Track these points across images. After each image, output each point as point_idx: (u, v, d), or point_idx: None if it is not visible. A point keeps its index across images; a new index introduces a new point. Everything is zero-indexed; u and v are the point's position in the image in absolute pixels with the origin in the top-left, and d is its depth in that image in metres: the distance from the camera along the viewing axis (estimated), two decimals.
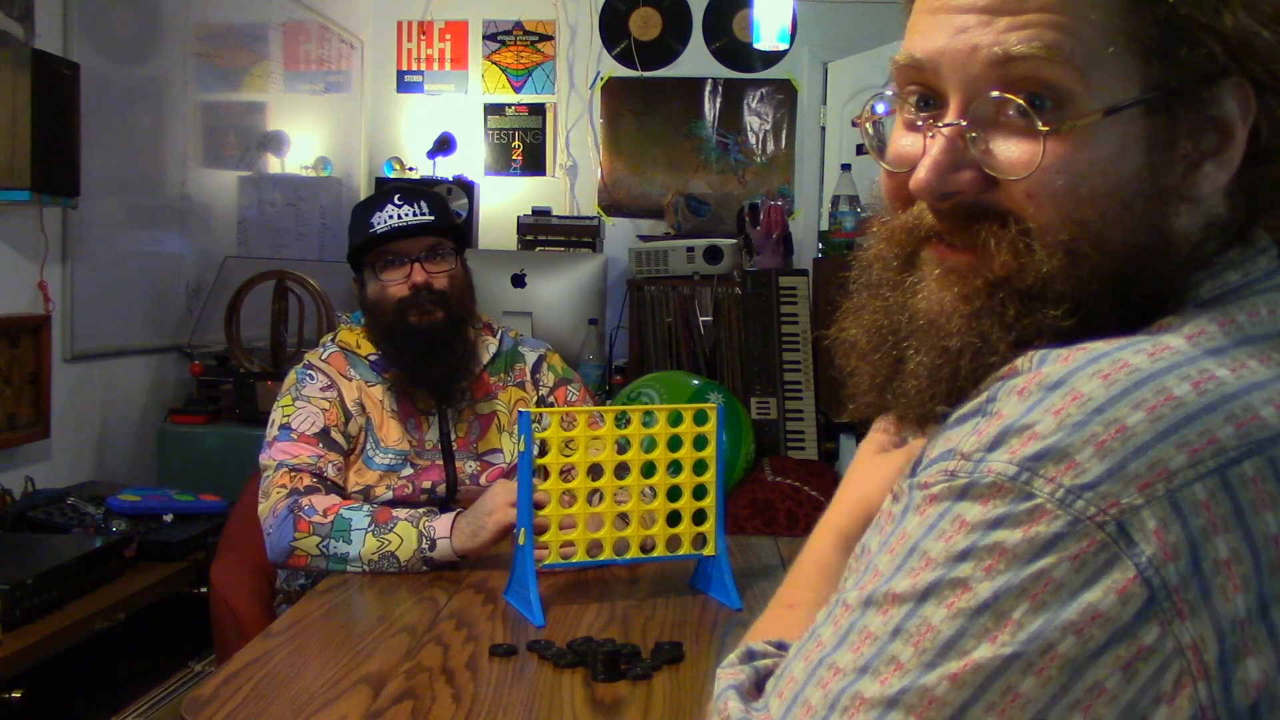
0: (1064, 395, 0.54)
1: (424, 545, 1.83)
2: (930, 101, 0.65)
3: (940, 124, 0.63)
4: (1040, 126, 0.60)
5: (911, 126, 0.66)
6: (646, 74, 5.23)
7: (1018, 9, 0.60)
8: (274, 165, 4.39)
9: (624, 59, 5.24)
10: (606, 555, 1.71)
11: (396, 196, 2.09)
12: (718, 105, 5.23)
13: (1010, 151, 0.61)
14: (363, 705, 1.30)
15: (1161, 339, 0.57)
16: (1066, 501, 0.52)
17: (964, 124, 0.62)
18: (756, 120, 5.22)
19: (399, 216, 2.06)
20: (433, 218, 2.08)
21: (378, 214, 2.07)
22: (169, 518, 2.79)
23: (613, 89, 5.26)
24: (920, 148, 0.64)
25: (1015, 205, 0.62)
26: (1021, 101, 0.60)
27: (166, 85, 3.56)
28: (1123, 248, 0.61)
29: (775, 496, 3.37)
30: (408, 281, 2.06)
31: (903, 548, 0.57)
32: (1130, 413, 0.53)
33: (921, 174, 0.63)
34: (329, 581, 1.82)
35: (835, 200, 3.92)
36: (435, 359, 2.09)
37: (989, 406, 0.57)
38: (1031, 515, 0.53)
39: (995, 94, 0.61)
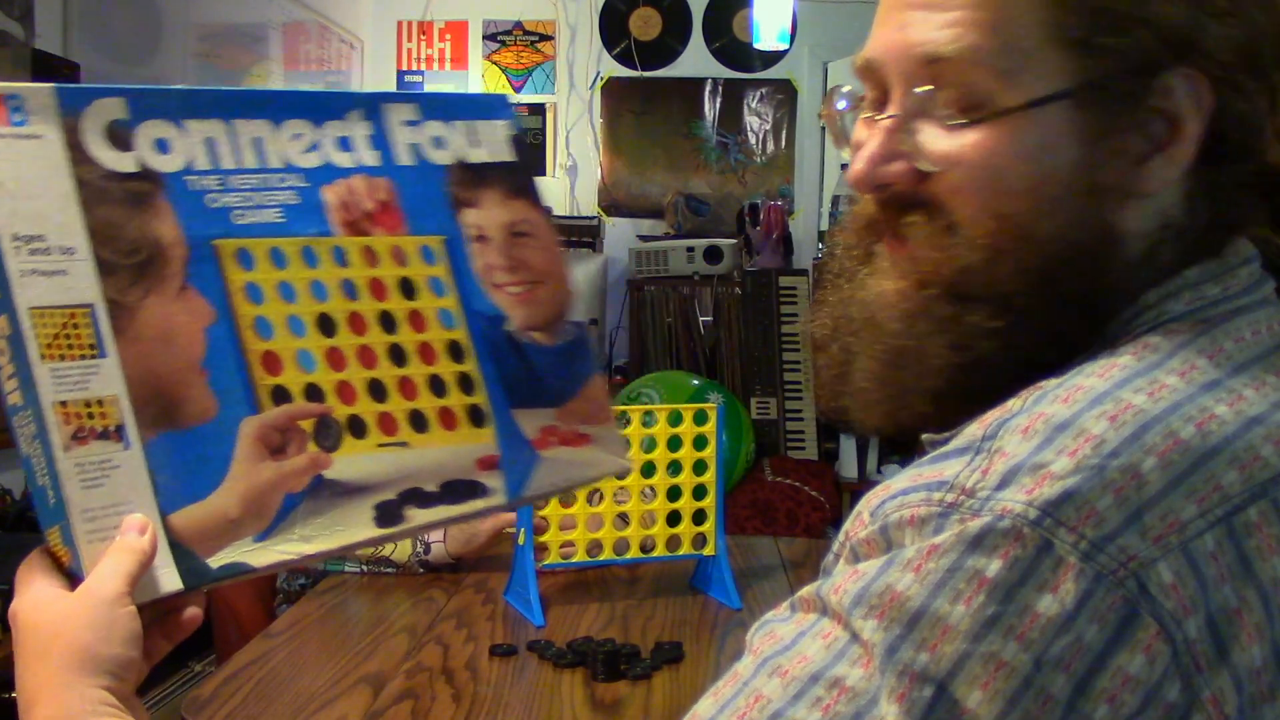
0: (1075, 436, 0.52)
1: (419, 549, 1.83)
2: (884, 97, 0.66)
3: (878, 117, 0.64)
4: (961, 120, 0.60)
5: (865, 120, 0.67)
6: (646, 74, 5.23)
7: (948, 5, 0.60)
8: None
9: (624, 59, 5.24)
10: (606, 555, 1.71)
11: None
12: (718, 105, 5.23)
13: (937, 144, 0.61)
14: (363, 705, 1.30)
15: (1156, 376, 0.56)
16: (1090, 555, 0.50)
17: (897, 117, 0.63)
18: (756, 120, 5.22)
19: None
20: None
21: None
22: None
23: (613, 89, 5.26)
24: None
25: (943, 198, 0.62)
26: (946, 96, 0.60)
27: (166, 85, 3.56)
28: (1051, 243, 0.60)
29: (775, 496, 3.38)
30: None
31: (901, 612, 0.52)
32: (1143, 458, 0.52)
33: (856, 165, 0.64)
34: (329, 582, 1.82)
35: (835, 200, 3.93)
36: None
37: (986, 444, 0.55)
38: (1057, 571, 0.50)
39: (924, 89, 0.61)
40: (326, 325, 0.80)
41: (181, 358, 0.73)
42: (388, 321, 0.82)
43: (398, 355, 0.83)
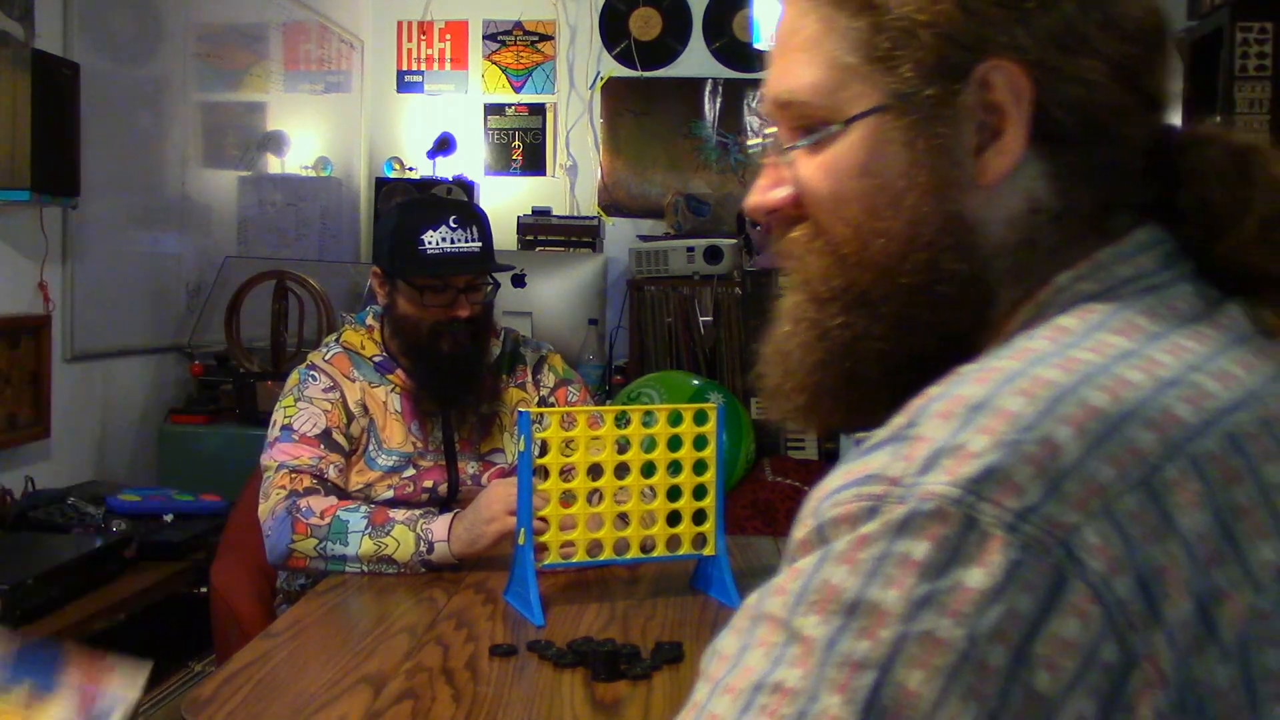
0: (991, 414, 0.54)
1: (421, 549, 1.83)
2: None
3: (764, 158, 0.72)
4: (806, 147, 0.68)
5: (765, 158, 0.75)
6: (646, 74, 5.23)
7: (784, 52, 0.68)
8: (274, 165, 4.39)
9: (624, 59, 5.24)
10: (606, 555, 1.71)
11: (452, 218, 2.04)
12: (718, 105, 5.23)
13: (801, 169, 0.69)
14: (363, 705, 1.30)
15: (1070, 354, 0.57)
16: (1015, 527, 0.51)
17: (776, 152, 0.70)
18: (756, 120, 5.22)
19: (452, 241, 2.03)
20: (481, 245, 2.06)
21: (430, 232, 2.02)
22: (169, 518, 2.79)
23: (613, 89, 5.26)
24: None
25: (811, 213, 0.69)
26: (801, 128, 0.68)
27: (166, 85, 3.56)
28: (897, 240, 0.65)
29: (775, 496, 3.38)
30: (449, 310, 2.06)
31: (838, 604, 0.53)
32: (1057, 428, 0.53)
33: (749, 198, 0.73)
34: (329, 582, 1.82)
35: None
36: (460, 380, 2.10)
37: (909, 431, 0.56)
38: (983, 545, 0.51)
39: (787, 126, 0.69)
40: None
41: None
42: None
43: None
